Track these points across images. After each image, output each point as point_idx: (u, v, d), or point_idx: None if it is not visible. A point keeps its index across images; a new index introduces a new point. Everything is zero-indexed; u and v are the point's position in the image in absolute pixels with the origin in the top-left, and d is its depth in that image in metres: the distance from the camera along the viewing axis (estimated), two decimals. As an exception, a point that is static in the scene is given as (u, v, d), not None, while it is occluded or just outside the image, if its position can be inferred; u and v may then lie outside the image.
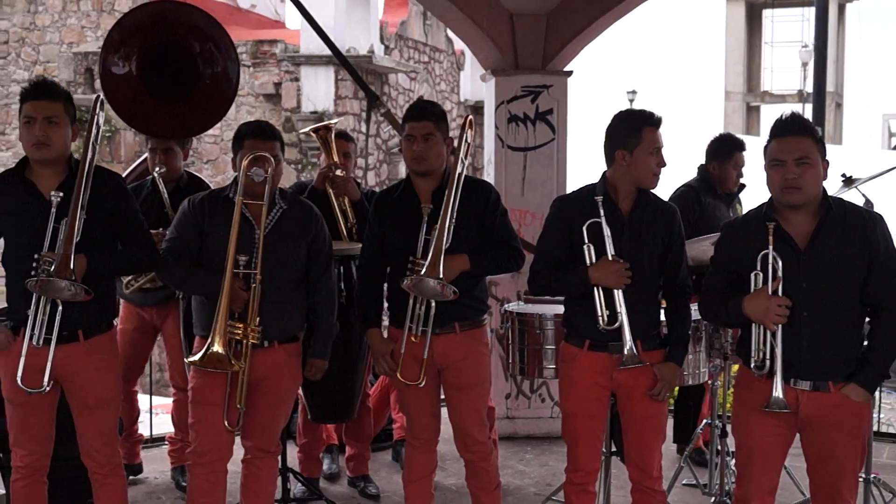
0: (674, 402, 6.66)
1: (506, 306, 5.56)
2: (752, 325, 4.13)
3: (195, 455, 4.76)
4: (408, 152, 4.84)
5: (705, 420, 6.22)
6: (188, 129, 5.94)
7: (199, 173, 18.27)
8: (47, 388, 4.37)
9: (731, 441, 4.88)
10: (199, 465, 4.76)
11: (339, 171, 6.01)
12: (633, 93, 41.99)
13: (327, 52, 12.13)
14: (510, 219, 5.02)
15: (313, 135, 6.31)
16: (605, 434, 4.95)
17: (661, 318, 4.66)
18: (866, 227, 4.07)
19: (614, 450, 5.40)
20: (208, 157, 18.45)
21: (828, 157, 4.14)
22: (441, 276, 4.56)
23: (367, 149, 18.13)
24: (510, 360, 5.37)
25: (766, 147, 4.15)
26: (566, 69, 7.47)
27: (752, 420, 4.20)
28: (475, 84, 22.08)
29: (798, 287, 4.05)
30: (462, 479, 5.22)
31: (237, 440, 4.86)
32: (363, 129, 17.99)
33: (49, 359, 4.34)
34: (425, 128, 4.79)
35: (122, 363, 4.97)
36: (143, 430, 6.54)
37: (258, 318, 4.56)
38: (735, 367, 4.91)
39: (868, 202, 5.78)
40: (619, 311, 4.41)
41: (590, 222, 4.46)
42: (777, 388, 4.05)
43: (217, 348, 4.46)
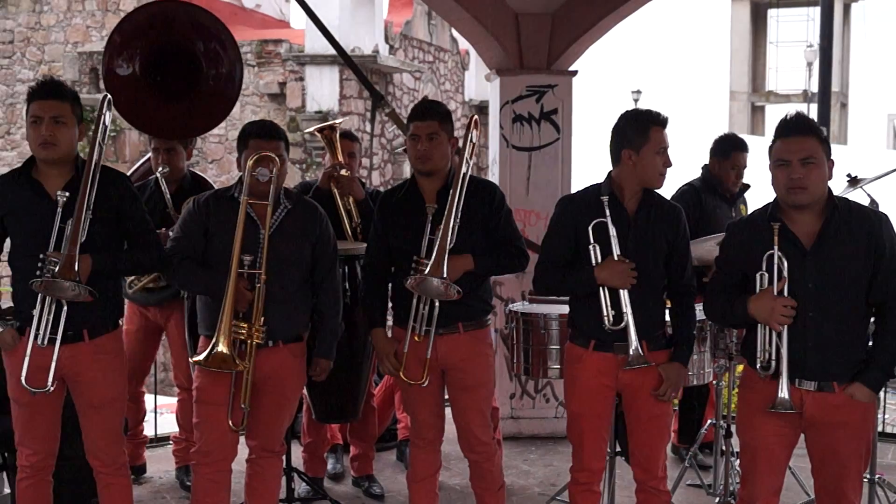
0: (678, 403, 6.65)
1: (510, 306, 5.56)
2: (758, 325, 4.13)
3: (200, 455, 4.76)
4: (412, 152, 4.84)
5: (710, 420, 6.22)
6: (190, 129, 5.93)
7: (204, 173, 18.30)
8: (51, 388, 4.37)
9: (735, 441, 4.88)
10: (203, 464, 4.76)
11: (343, 171, 6.01)
12: (638, 92, 41.98)
13: (332, 51, 12.12)
14: (515, 219, 5.02)
15: (318, 135, 6.30)
16: (610, 434, 4.94)
17: (667, 318, 4.66)
18: (872, 227, 4.06)
19: (619, 450, 5.40)
20: (213, 156, 18.46)
21: (833, 157, 4.13)
22: (445, 275, 4.57)
23: (372, 148, 18.15)
24: (515, 360, 5.37)
25: (771, 147, 4.15)
26: (571, 69, 7.46)
27: (756, 421, 4.20)
28: (480, 84, 22.11)
29: (804, 287, 4.04)
30: (466, 478, 5.22)
31: (242, 440, 4.86)
32: (368, 129, 18.00)
33: (54, 359, 4.34)
34: (430, 127, 4.79)
35: (128, 365, 4.97)
36: (147, 429, 6.54)
37: (263, 318, 4.56)
38: (740, 368, 4.90)
39: (873, 202, 5.77)
40: (624, 311, 4.41)
41: (595, 222, 4.45)
42: (783, 389, 4.05)
43: (222, 348, 4.46)
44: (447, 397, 5.03)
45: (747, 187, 6.60)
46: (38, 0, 20.05)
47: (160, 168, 5.84)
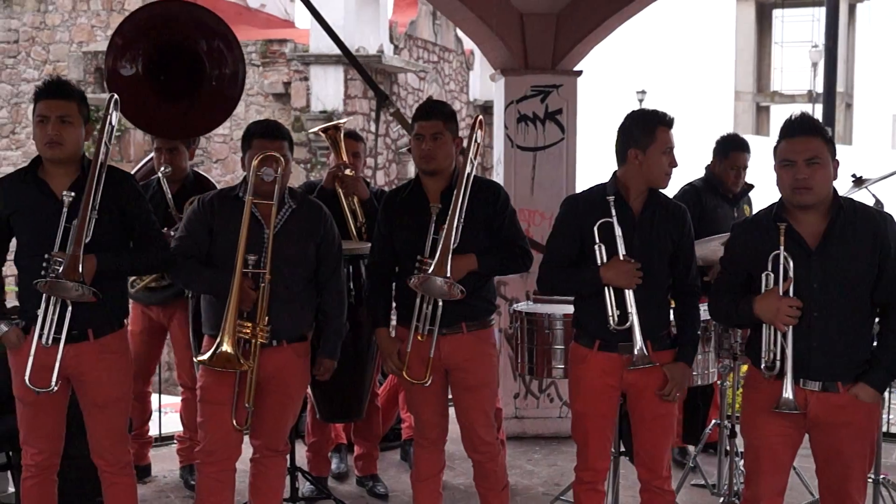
0: (683, 402, 6.64)
1: (515, 306, 5.56)
2: (763, 325, 4.12)
3: (204, 454, 4.77)
4: (417, 151, 4.84)
5: (714, 420, 6.22)
6: (191, 128, 5.93)
7: (209, 172, 18.32)
8: (55, 388, 4.37)
9: (739, 441, 4.88)
10: (207, 463, 4.76)
11: (348, 171, 6.01)
12: (643, 93, 41.94)
13: (337, 51, 12.12)
14: (519, 219, 5.02)
15: (322, 134, 6.30)
16: (614, 434, 4.94)
17: (671, 318, 4.65)
18: (877, 228, 4.06)
19: (623, 450, 5.40)
20: (218, 156, 18.46)
21: (838, 158, 4.13)
22: (448, 275, 4.57)
23: (377, 148, 18.15)
24: (519, 360, 5.37)
25: (776, 147, 4.14)
26: (576, 69, 7.46)
27: (760, 421, 4.20)
28: (485, 84, 22.08)
29: (809, 287, 4.04)
30: (470, 478, 5.22)
31: (246, 439, 4.86)
32: (372, 129, 18.00)
33: (58, 358, 4.34)
34: (434, 127, 4.79)
35: (134, 365, 4.97)
36: (151, 429, 6.54)
37: (267, 318, 4.56)
38: (744, 368, 4.90)
39: (878, 202, 5.77)
40: (629, 311, 4.40)
41: (601, 222, 4.45)
42: (787, 389, 4.04)
43: (226, 348, 4.46)
44: (451, 397, 5.03)
45: (751, 187, 6.58)
46: (44, 0, 20.07)
47: (162, 168, 5.84)
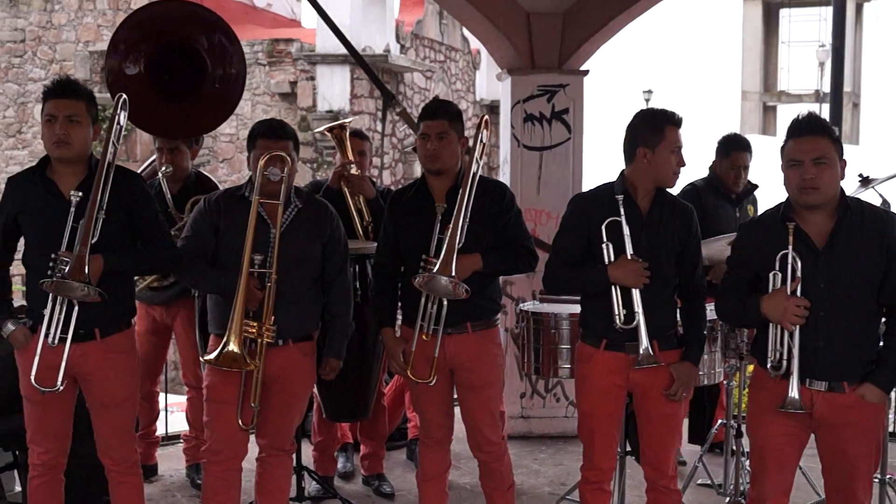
0: (689, 402, 6.63)
1: (521, 305, 5.56)
2: (770, 325, 4.12)
3: (210, 453, 4.77)
4: (422, 151, 4.85)
5: (720, 420, 6.21)
6: (191, 128, 5.93)
7: (215, 172, 18.33)
8: (61, 388, 4.37)
9: (746, 441, 4.87)
10: (214, 462, 4.76)
11: (354, 170, 6.02)
12: (650, 92, 41.93)
13: (343, 50, 12.13)
14: (526, 218, 5.02)
15: (328, 134, 6.31)
16: (620, 433, 4.94)
17: (678, 317, 4.65)
18: (884, 228, 4.05)
19: (629, 449, 5.40)
20: (224, 155, 18.48)
21: (845, 157, 4.12)
22: (453, 274, 4.57)
23: (383, 148, 18.15)
24: (525, 360, 5.37)
25: (783, 147, 4.14)
26: (582, 68, 7.46)
27: (766, 420, 4.20)
28: (491, 83, 22.10)
29: (815, 287, 4.03)
30: (476, 477, 5.22)
31: (252, 438, 4.87)
32: (379, 128, 18.01)
33: (64, 357, 4.35)
34: (440, 126, 4.79)
35: (141, 365, 4.97)
36: (158, 428, 6.54)
37: (273, 317, 4.57)
38: (750, 368, 4.90)
39: (885, 202, 5.76)
40: (636, 310, 4.40)
41: (609, 221, 4.45)
42: (793, 389, 4.04)
43: (232, 347, 4.46)
44: (456, 397, 5.03)
45: (755, 187, 6.55)
46: (50, -1, 20.12)
47: (163, 168, 5.84)
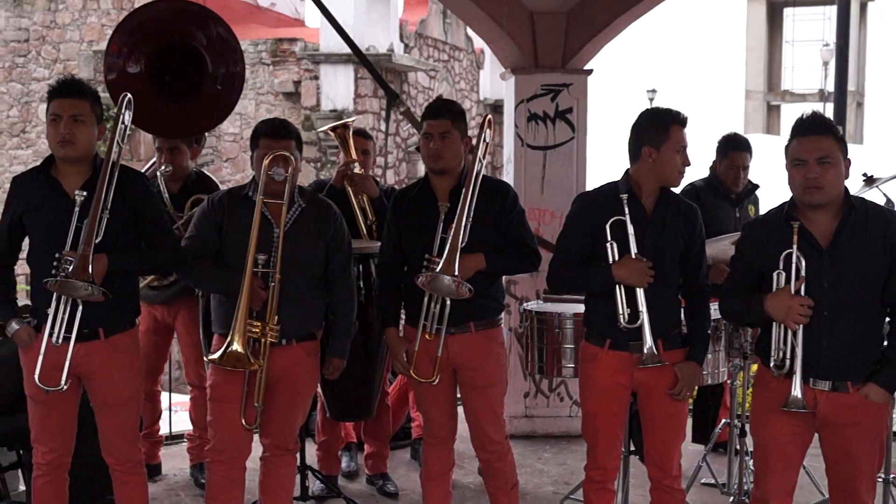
0: (693, 402, 6.64)
1: (525, 305, 5.56)
2: (773, 324, 4.11)
3: (214, 452, 4.77)
4: (425, 150, 4.85)
5: (724, 420, 6.21)
6: (188, 128, 5.92)
7: (219, 171, 18.32)
8: (64, 387, 4.37)
9: (750, 441, 4.87)
10: (217, 462, 4.77)
11: (357, 169, 6.01)
12: (653, 91, 41.89)
13: (347, 50, 12.14)
14: (529, 218, 5.02)
15: (331, 133, 6.31)
16: (624, 432, 4.94)
17: (682, 317, 4.65)
18: (888, 227, 4.04)
19: (633, 448, 5.40)
20: (228, 155, 18.48)
21: (849, 156, 4.12)
22: (456, 273, 4.56)
23: (387, 147, 18.15)
24: (529, 359, 5.37)
25: (787, 146, 4.13)
26: (586, 68, 7.45)
27: (770, 420, 4.19)
28: (495, 82, 22.10)
29: (819, 286, 4.03)
30: (479, 477, 5.21)
31: (256, 438, 4.87)
32: (382, 128, 18.01)
33: (67, 357, 4.35)
34: (442, 126, 4.79)
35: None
36: (162, 427, 6.54)
37: (276, 317, 4.57)
38: (754, 367, 4.89)
39: (889, 201, 5.75)
40: (640, 309, 4.40)
41: (613, 220, 4.45)
42: (796, 388, 4.04)
43: (236, 347, 4.46)
44: (460, 396, 5.03)
45: (756, 187, 6.53)
46: (54, -1, 20.12)
47: (162, 167, 5.84)
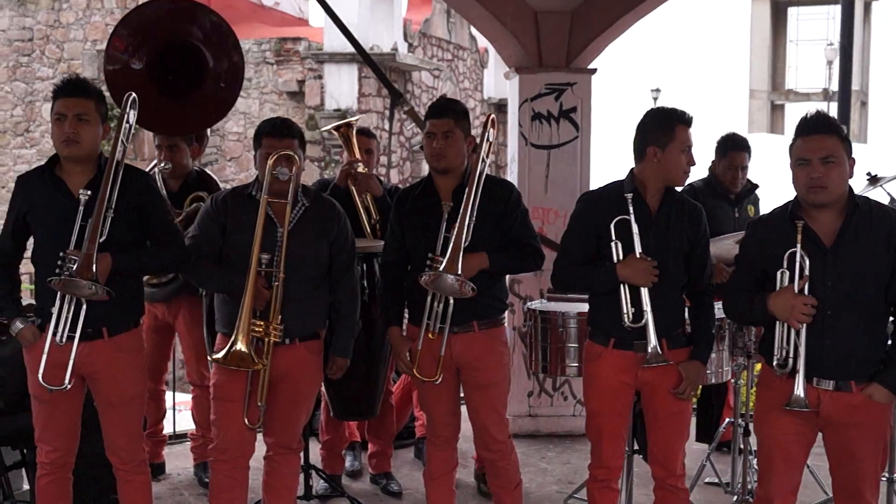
0: (696, 401, 6.63)
1: (529, 304, 5.56)
2: (777, 323, 4.11)
3: (217, 451, 4.78)
4: (428, 149, 4.85)
5: (728, 419, 6.21)
6: (186, 126, 5.92)
7: (223, 170, 18.31)
8: (68, 386, 4.38)
9: (753, 440, 4.87)
10: (221, 461, 4.77)
11: (361, 168, 6.01)
12: (657, 91, 41.88)
13: (351, 49, 12.13)
14: (533, 217, 5.01)
15: (335, 132, 6.30)
16: (628, 432, 4.93)
17: (686, 316, 4.65)
18: (892, 227, 4.04)
19: (637, 448, 5.40)
20: (232, 154, 18.50)
21: (854, 156, 4.11)
22: (460, 272, 4.56)
23: (391, 147, 18.15)
24: (533, 358, 5.37)
25: (791, 145, 4.13)
26: (590, 67, 7.45)
27: (773, 419, 4.19)
28: (499, 82, 22.08)
29: (823, 285, 4.02)
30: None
31: (260, 437, 4.87)
32: (386, 127, 17.99)
33: (71, 356, 4.35)
34: (445, 125, 4.79)
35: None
36: (165, 426, 6.55)
37: (280, 316, 4.57)
38: (758, 366, 4.89)
39: (893, 200, 5.76)
40: (644, 309, 4.40)
41: (618, 219, 4.45)
42: (799, 387, 4.03)
43: (240, 346, 4.47)
44: (463, 395, 5.03)
45: (755, 187, 6.51)
46: (58, -2, 20.13)
47: (162, 164, 5.85)
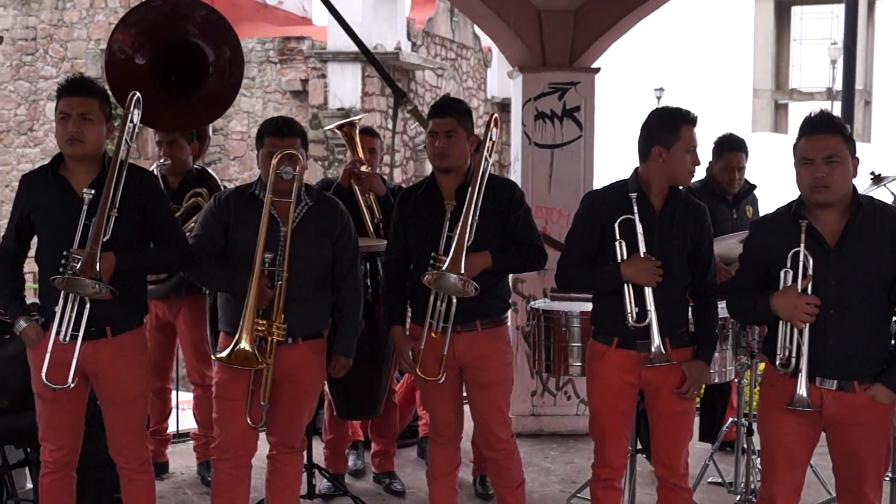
0: (700, 401, 6.63)
1: (532, 303, 5.55)
2: (780, 322, 4.11)
3: (219, 450, 4.78)
4: (431, 148, 4.85)
5: (731, 418, 6.20)
6: (185, 122, 5.92)
7: (227, 169, 18.31)
8: (71, 385, 4.37)
9: (757, 439, 4.86)
10: (223, 459, 4.77)
11: (364, 167, 6.01)
12: (661, 90, 41.87)
13: (354, 48, 12.17)
14: (537, 216, 5.01)
15: (338, 132, 6.30)
16: (631, 431, 4.93)
17: (689, 315, 4.64)
18: (896, 226, 4.04)
19: (640, 447, 5.39)
20: (235, 153, 18.52)
21: (857, 155, 4.11)
22: (463, 272, 4.56)
23: (394, 146, 18.16)
24: (536, 358, 5.36)
25: (795, 145, 4.12)
26: (594, 66, 7.45)
27: (776, 418, 4.18)
28: (502, 81, 22.11)
29: (826, 285, 4.02)
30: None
31: (262, 436, 4.87)
32: (390, 126, 18.02)
33: (75, 355, 4.35)
34: (448, 124, 4.79)
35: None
36: (169, 425, 6.54)
37: (283, 315, 4.57)
38: (762, 366, 4.88)
39: (897, 200, 5.74)
40: (648, 308, 4.39)
41: (622, 219, 4.44)
42: (801, 386, 4.03)
43: (244, 345, 4.46)
44: (466, 395, 5.03)
45: (753, 188, 6.49)
46: (61, -3, 20.17)
47: (161, 160, 5.85)
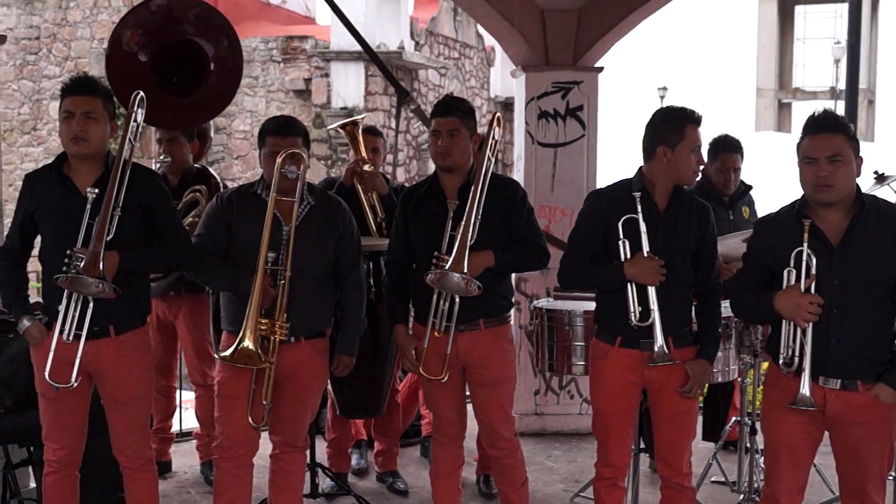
0: (703, 400, 6.62)
1: (535, 303, 5.56)
2: (783, 321, 4.10)
3: (221, 449, 4.78)
4: (433, 148, 4.85)
5: (734, 418, 6.20)
6: (182, 121, 5.92)
7: (230, 168, 18.32)
8: (75, 384, 4.37)
9: (760, 439, 4.86)
10: (225, 458, 4.77)
11: (366, 166, 6.01)
12: (664, 89, 41.82)
13: (357, 47, 12.16)
14: (540, 215, 5.01)
15: (341, 131, 6.30)
16: (634, 430, 4.93)
17: (693, 315, 4.64)
18: (900, 225, 4.03)
19: (643, 446, 5.39)
20: (238, 152, 18.53)
21: (861, 154, 4.10)
22: (465, 271, 4.56)
23: (397, 145, 18.17)
24: (539, 357, 5.37)
25: (798, 144, 4.12)
26: (597, 65, 7.45)
27: (780, 417, 4.18)
28: (505, 80, 22.10)
29: (829, 284, 4.01)
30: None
31: (265, 435, 4.87)
32: (393, 125, 18.02)
33: (78, 354, 4.35)
34: (451, 123, 4.78)
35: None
36: (173, 425, 6.54)
37: (285, 315, 4.57)
38: (765, 365, 4.88)
39: (900, 199, 5.72)
40: (651, 308, 4.39)
41: (626, 218, 4.44)
42: (804, 386, 4.03)
43: (248, 344, 4.46)
44: (469, 394, 5.02)
45: (749, 188, 6.46)
46: (65, -3, 20.17)
47: (160, 157, 5.85)
